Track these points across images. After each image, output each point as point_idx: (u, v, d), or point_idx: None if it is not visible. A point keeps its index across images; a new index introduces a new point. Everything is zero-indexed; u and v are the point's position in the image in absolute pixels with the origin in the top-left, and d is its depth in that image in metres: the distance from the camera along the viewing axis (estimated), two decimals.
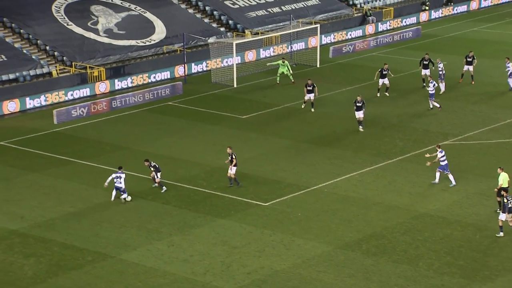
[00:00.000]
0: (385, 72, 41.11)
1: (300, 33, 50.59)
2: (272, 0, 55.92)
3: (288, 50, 50.61)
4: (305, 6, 56.41)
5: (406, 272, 24.07)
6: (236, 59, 45.72)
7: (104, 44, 47.16)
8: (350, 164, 32.53)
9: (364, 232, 26.61)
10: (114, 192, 29.22)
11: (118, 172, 29.16)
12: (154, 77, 45.70)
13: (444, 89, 41.46)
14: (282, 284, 23.46)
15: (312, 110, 39.53)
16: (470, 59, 43.08)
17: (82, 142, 36.01)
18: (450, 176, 30.08)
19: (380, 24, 57.28)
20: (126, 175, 29.65)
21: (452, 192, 29.79)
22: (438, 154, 30.04)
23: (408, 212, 28.16)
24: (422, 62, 42.51)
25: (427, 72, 42.03)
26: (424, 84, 42.28)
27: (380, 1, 61.10)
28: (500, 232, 26.03)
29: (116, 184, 29.09)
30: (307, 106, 39.76)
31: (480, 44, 51.94)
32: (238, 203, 29.05)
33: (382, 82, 41.21)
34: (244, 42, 47.47)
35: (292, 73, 44.07)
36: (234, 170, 30.20)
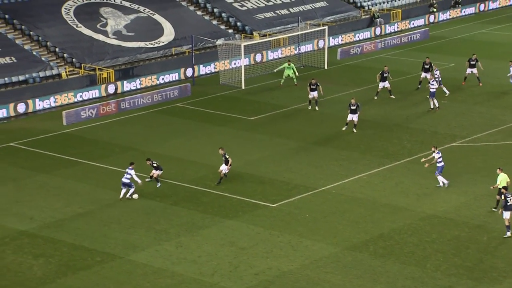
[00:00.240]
0: (385, 74, 41.16)
1: (308, 35, 50.65)
2: (280, 2, 56.03)
3: (296, 52, 50.70)
4: (313, 8, 56.49)
5: (414, 273, 24.10)
6: (244, 61, 45.84)
7: (113, 46, 47.38)
8: (358, 166, 32.58)
9: (371, 233, 26.66)
10: (124, 190, 29.46)
11: (129, 168, 29.45)
12: (163, 78, 45.88)
13: (447, 91, 41.38)
14: (289, 285, 23.54)
15: (317, 108, 39.70)
16: (473, 62, 43.11)
17: (91, 143, 36.20)
18: (440, 177, 30.04)
19: (388, 26, 57.27)
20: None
21: (460, 193, 29.80)
22: (435, 155, 30.03)
23: (415, 213, 28.20)
24: (424, 66, 42.55)
25: (427, 75, 42.03)
26: (419, 86, 42.29)
27: (388, 3, 61.10)
28: (507, 233, 26.05)
29: (123, 179, 29.37)
30: (312, 106, 39.90)
31: (488, 46, 51.89)
32: (246, 204, 29.15)
33: (382, 85, 41.25)
34: (252, 44, 47.59)
35: (298, 75, 44.15)
36: (226, 168, 30.30)
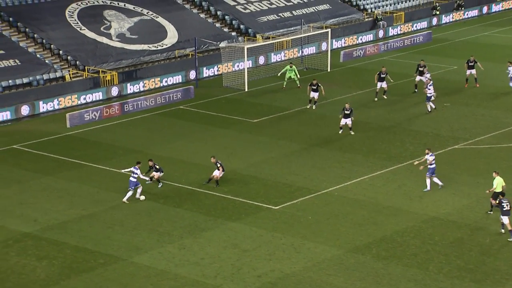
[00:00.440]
0: (383, 75, 41.23)
1: (311, 37, 50.73)
2: (283, 5, 56.14)
3: (299, 55, 50.78)
4: (316, 10, 56.58)
5: (416, 275, 24.13)
6: (247, 63, 45.92)
7: (116, 48, 47.51)
8: (361, 168, 32.62)
9: (374, 236, 26.69)
10: (130, 192, 29.58)
11: (135, 167, 29.61)
12: (166, 81, 45.98)
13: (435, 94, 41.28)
14: (292, 287, 23.59)
15: (314, 108, 39.95)
16: (472, 64, 43.22)
17: (95, 146, 36.29)
18: (434, 179, 30.06)
19: (390, 28, 57.33)
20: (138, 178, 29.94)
21: (462, 196, 29.83)
22: (429, 157, 30.05)
23: (418, 215, 28.22)
24: (418, 68, 42.56)
25: (422, 78, 42.05)
26: (415, 90, 42.27)
27: (391, 5, 61.17)
28: (511, 236, 26.08)
29: (130, 178, 29.53)
30: (312, 104, 40.18)
31: (491, 48, 51.91)
32: (248, 207, 29.21)
33: (380, 85, 41.33)
34: (255, 47, 47.67)
35: (300, 77, 44.26)
36: (218, 173, 30.50)
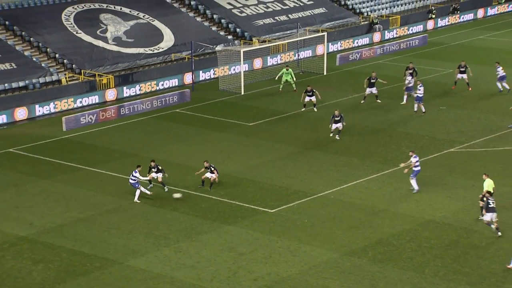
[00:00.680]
0: (373, 80, 41.31)
1: (307, 41, 50.82)
2: (279, 9, 56.22)
3: (295, 58, 50.85)
4: (312, 14, 56.68)
5: (412, 279, 24.17)
6: (243, 67, 45.97)
7: (112, 52, 47.52)
8: (357, 171, 32.67)
9: (370, 239, 26.73)
10: (138, 192, 29.69)
11: (135, 171, 29.87)
12: (162, 84, 46.00)
13: (406, 101, 41.25)
14: None
15: (315, 110, 39.96)
16: (463, 69, 43.41)
17: (91, 149, 36.28)
18: (413, 181, 30.13)
19: (386, 32, 57.46)
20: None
21: (458, 199, 29.89)
22: (413, 159, 30.14)
23: (414, 219, 28.27)
24: (407, 70, 42.64)
25: (412, 81, 42.21)
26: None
27: (386, 9, 61.30)
28: (498, 232, 26.42)
29: (130, 180, 29.62)
30: (308, 106, 40.44)
31: (487, 52, 52.04)
32: (245, 210, 29.23)
33: (370, 91, 41.41)
34: (251, 50, 47.74)
35: (296, 81, 44.33)
36: (215, 175, 30.60)
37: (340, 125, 36.27)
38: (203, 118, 40.56)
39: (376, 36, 56.61)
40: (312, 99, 40.38)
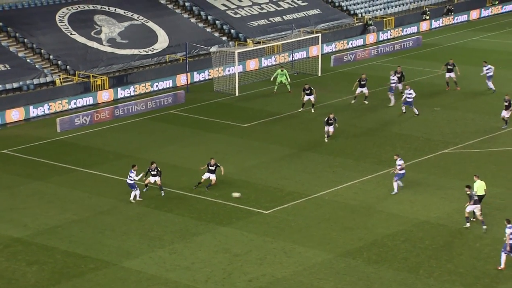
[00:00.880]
0: (363, 82, 41.45)
1: (301, 42, 50.85)
2: (274, 10, 56.26)
3: (289, 59, 50.88)
4: (306, 15, 56.73)
5: (407, 279, 24.21)
6: (238, 68, 45.98)
7: (107, 53, 47.46)
8: (352, 172, 32.71)
9: (365, 240, 26.76)
10: (133, 193, 29.69)
11: (131, 170, 29.87)
12: (157, 85, 45.97)
13: (394, 102, 41.23)
14: None
15: (312, 111, 39.96)
16: (450, 67, 43.66)
17: (85, 150, 36.23)
18: (396, 184, 30.19)
19: (381, 33, 57.55)
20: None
21: (453, 200, 29.94)
22: (398, 162, 30.22)
23: (408, 219, 28.32)
24: (395, 74, 42.73)
25: (399, 85, 42.41)
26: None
27: (381, 10, 61.41)
28: (466, 223, 27.16)
29: (127, 181, 29.62)
30: (307, 106, 40.35)
31: (480, 53, 52.14)
32: (239, 211, 29.23)
33: (360, 90, 41.54)
34: (246, 51, 47.74)
35: (290, 81, 44.36)
36: (214, 178, 30.67)
37: (332, 127, 36.28)
38: (197, 119, 40.55)
39: (371, 37, 56.71)
40: (311, 98, 40.38)
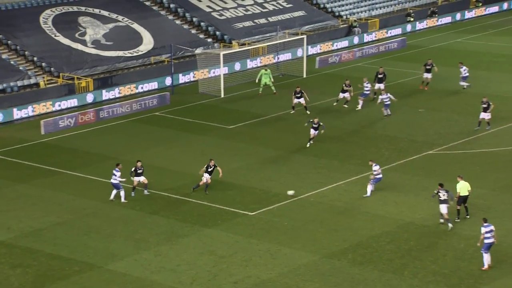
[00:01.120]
0: (346, 87, 41.53)
1: (286, 44, 50.94)
2: (259, 11, 56.31)
3: (274, 61, 50.94)
4: (291, 17, 56.83)
5: (392, 281, 24.29)
6: (223, 70, 45.98)
7: (91, 55, 47.29)
8: (337, 174, 32.79)
9: (350, 241, 26.83)
10: (114, 192, 29.54)
11: (115, 169, 29.72)
12: (142, 87, 45.85)
13: (361, 107, 41.42)
14: None
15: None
16: (429, 67, 43.97)
17: (70, 153, 36.07)
18: (370, 187, 30.33)
19: (365, 35, 57.76)
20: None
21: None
22: (374, 168, 30.38)
23: (393, 221, 28.43)
24: (377, 76, 42.87)
25: (381, 86, 42.42)
26: (375, 96, 42.37)
27: (365, 12, 61.64)
28: (449, 225, 27.40)
29: (111, 180, 29.49)
30: (296, 108, 40.24)
31: (464, 55, 52.46)
32: (225, 213, 29.21)
33: (342, 96, 41.64)
34: (231, 53, 47.74)
35: (273, 81, 44.38)
36: (208, 178, 30.69)
37: (317, 132, 36.31)
38: (183, 121, 40.49)
39: (355, 39, 56.90)
40: (301, 101, 40.43)
